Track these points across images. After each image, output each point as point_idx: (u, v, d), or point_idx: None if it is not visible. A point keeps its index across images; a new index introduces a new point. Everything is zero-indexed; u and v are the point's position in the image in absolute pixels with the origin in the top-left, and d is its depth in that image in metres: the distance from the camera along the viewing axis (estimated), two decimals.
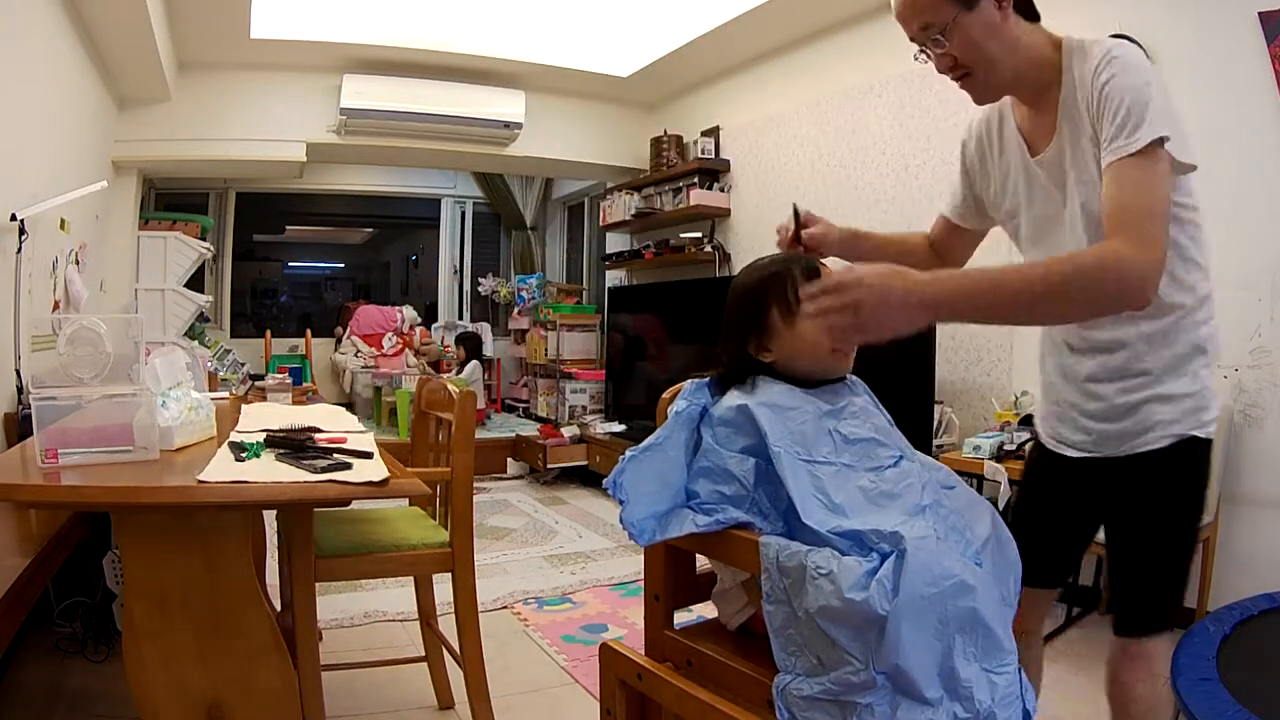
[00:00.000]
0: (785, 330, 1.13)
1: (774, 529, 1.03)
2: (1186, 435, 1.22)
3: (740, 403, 1.09)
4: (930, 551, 0.92)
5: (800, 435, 1.06)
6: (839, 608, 0.89)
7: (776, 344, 1.14)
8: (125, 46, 3.65)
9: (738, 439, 1.08)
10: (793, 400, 1.10)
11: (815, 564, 0.92)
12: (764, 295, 1.14)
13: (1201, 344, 1.23)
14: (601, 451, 4.96)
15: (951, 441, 3.24)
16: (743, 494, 1.05)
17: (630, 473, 1.07)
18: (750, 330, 1.15)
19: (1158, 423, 1.22)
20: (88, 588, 2.40)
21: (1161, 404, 1.22)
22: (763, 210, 4.64)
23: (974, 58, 1.20)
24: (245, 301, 7.65)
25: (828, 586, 0.90)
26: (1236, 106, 2.54)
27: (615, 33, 4.67)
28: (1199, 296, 1.22)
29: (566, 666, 2.44)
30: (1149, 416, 1.23)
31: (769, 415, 1.06)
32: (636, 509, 1.07)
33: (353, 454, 1.60)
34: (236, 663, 1.44)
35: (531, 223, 7.67)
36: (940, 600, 0.90)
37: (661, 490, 1.09)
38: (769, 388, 1.12)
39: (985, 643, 0.93)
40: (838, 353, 1.13)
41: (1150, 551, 1.26)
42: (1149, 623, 1.28)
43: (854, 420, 1.11)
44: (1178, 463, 1.23)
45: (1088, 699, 2.22)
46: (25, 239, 2.57)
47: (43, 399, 1.41)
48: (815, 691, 0.91)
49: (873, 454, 1.08)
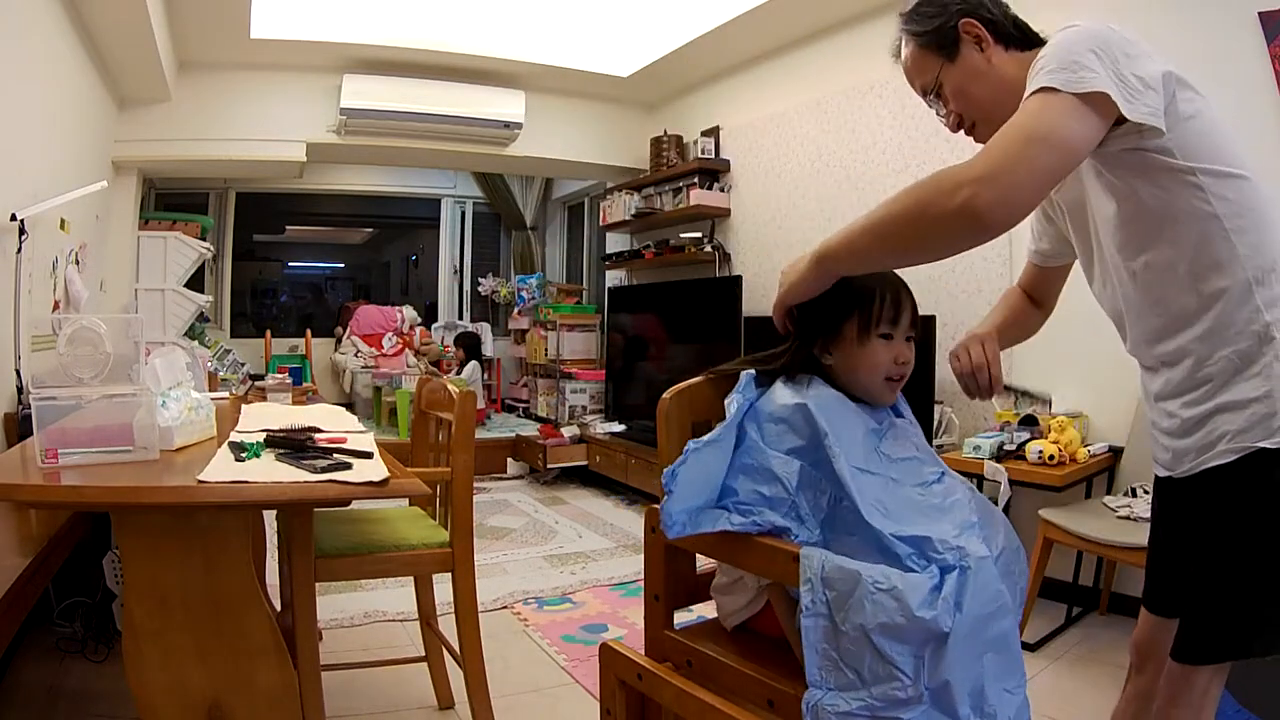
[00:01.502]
0: (853, 344, 1.13)
1: (810, 537, 1.02)
2: (1253, 448, 1.04)
3: (798, 401, 1.08)
4: (990, 571, 0.93)
5: (851, 442, 1.06)
6: (904, 624, 0.87)
7: (840, 353, 1.14)
8: (125, 46, 3.65)
9: (788, 438, 1.07)
10: (845, 408, 1.10)
11: (874, 579, 0.90)
12: (848, 302, 1.13)
13: (1267, 332, 1.04)
14: (601, 451, 4.96)
15: (951, 441, 3.24)
16: (783, 496, 1.03)
17: (690, 464, 1.06)
18: (822, 329, 1.15)
19: (1223, 435, 1.07)
20: (88, 588, 2.40)
21: (1227, 413, 1.07)
22: (763, 210, 4.63)
23: (967, 107, 1.20)
24: (245, 301, 7.64)
25: (890, 603, 0.88)
26: (1236, 106, 2.54)
27: (615, 33, 4.67)
28: (1247, 275, 1.05)
29: (566, 666, 2.44)
30: (1215, 428, 1.08)
31: (827, 417, 1.06)
32: (676, 502, 1.05)
33: (353, 454, 1.60)
34: (236, 663, 1.44)
35: (531, 223, 7.67)
36: (990, 620, 0.91)
37: (702, 484, 1.08)
38: (822, 390, 1.12)
39: (1010, 663, 0.94)
40: (890, 383, 1.14)
41: (1216, 576, 1.09)
42: (1200, 651, 1.10)
43: (897, 441, 1.12)
44: (1245, 481, 1.05)
45: (1087, 699, 2.22)
46: (25, 239, 2.57)
47: (43, 399, 1.41)
48: (854, 708, 0.89)
49: (918, 471, 1.09)
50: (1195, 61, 2.69)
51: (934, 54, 1.20)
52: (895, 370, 1.13)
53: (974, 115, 1.20)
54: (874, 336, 1.12)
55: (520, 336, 7.10)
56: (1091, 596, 2.91)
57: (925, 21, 1.21)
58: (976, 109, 1.19)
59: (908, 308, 1.14)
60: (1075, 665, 2.47)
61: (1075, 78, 0.97)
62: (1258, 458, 1.04)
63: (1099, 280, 1.24)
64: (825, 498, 1.03)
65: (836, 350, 1.15)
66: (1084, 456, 2.70)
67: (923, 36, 1.21)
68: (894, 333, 1.13)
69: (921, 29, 1.21)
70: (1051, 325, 1.49)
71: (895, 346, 1.13)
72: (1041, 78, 0.99)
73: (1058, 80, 0.98)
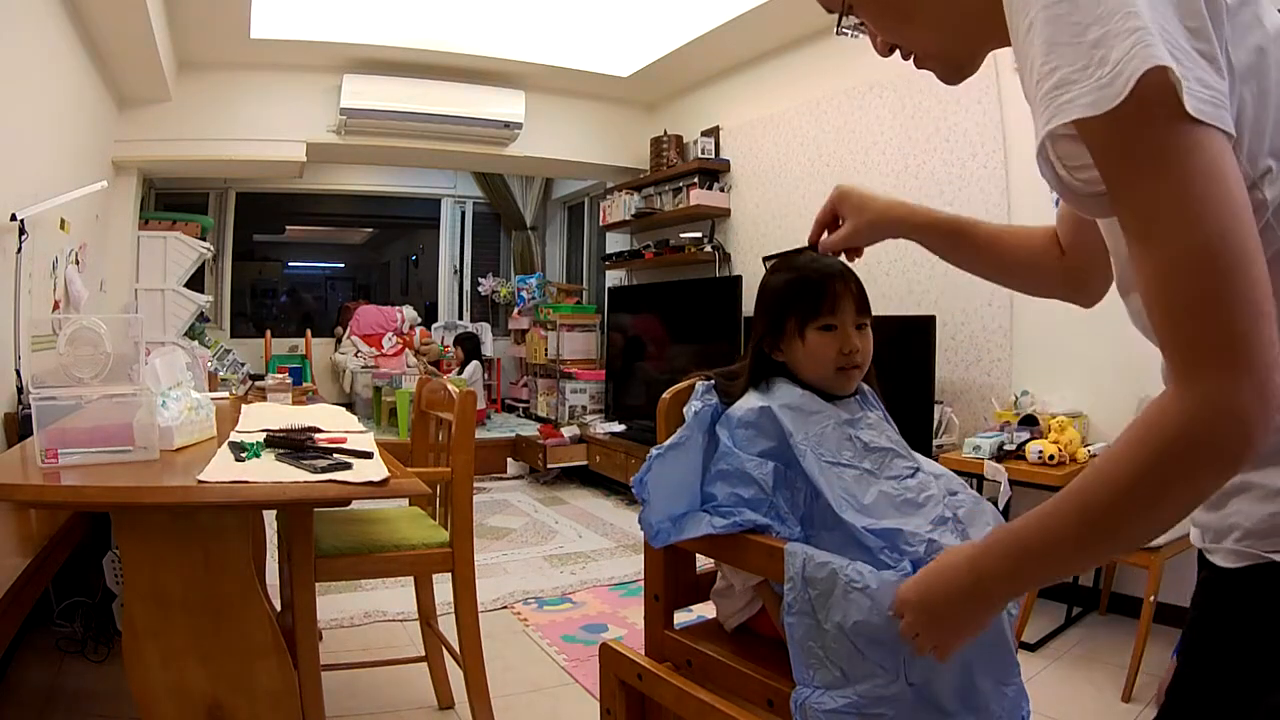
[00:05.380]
0: (797, 340, 1.14)
1: (791, 534, 1.03)
2: (1263, 559, 0.69)
3: (762, 404, 1.09)
4: None
5: (822, 438, 1.06)
6: (879, 624, 0.88)
7: (789, 350, 1.15)
8: (125, 46, 3.65)
9: (758, 441, 1.08)
10: (813, 405, 1.11)
11: (850, 578, 0.90)
12: (786, 300, 1.14)
13: None
14: (601, 451, 4.96)
15: (951, 441, 3.24)
16: (761, 497, 1.05)
17: (655, 471, 1.07)
18: (767, 331, 1.16)
19: (1233, 526, 0.72)
20: (88, 588, 2.40)
21: (1245, 497, 0.71)
22: (763, 210, 4.63)
23: (890, 29, 0.80)
24: (245, 301, 7.65)
25: (865, 602, 0.89)
26: None
27: (615, 33, 4.68)
28: None
29: (566, 666, 2.44)
30: (1230, 512, 0.73)
31: (791, 416, 1.07)
32: (655, 510, 1.07)
33: (353, 454, 1.60)
34: (236, 663, 1.44)
35: (531, 223, 7.67)
36: None
37: (679, 492, 1.09)
38: (788, 391, 1.12)
39: (1002, 658, 0.95)
40: (842, 372, 1.14)
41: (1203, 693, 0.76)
42: None
43: (872, 430, 1.12)
44: (1246, 596, 0.71)
45: (1087, 699, 2.22)
46: (25, 239, 2.57)
47: (43, 399, 1.41)
48: (840, 705, 0.90)
49: (892, 463, 1.09)
50: None
51: None
52: (844, 360, 1.13)
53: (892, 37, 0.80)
54: (815, 330, 1.12)
55: (520, 336, 7.10)
56: (1091, 596, 2.91)
57: None
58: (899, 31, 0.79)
59: (847, 295, 1.13)
60: (1075, 665, 2.47)
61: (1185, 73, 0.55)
62: (1267, 573, 0.69)
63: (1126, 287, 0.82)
64: (801, 495, 1.04)
65: (786, 348, 1.15)
66: (1084, 456, 2.70)
67: None
68: (836, 322, 1.13)
69: None
70: (1051, 326, 1.48)
71: (840, 336, 1.13)
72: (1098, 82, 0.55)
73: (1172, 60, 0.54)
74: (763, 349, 1.17)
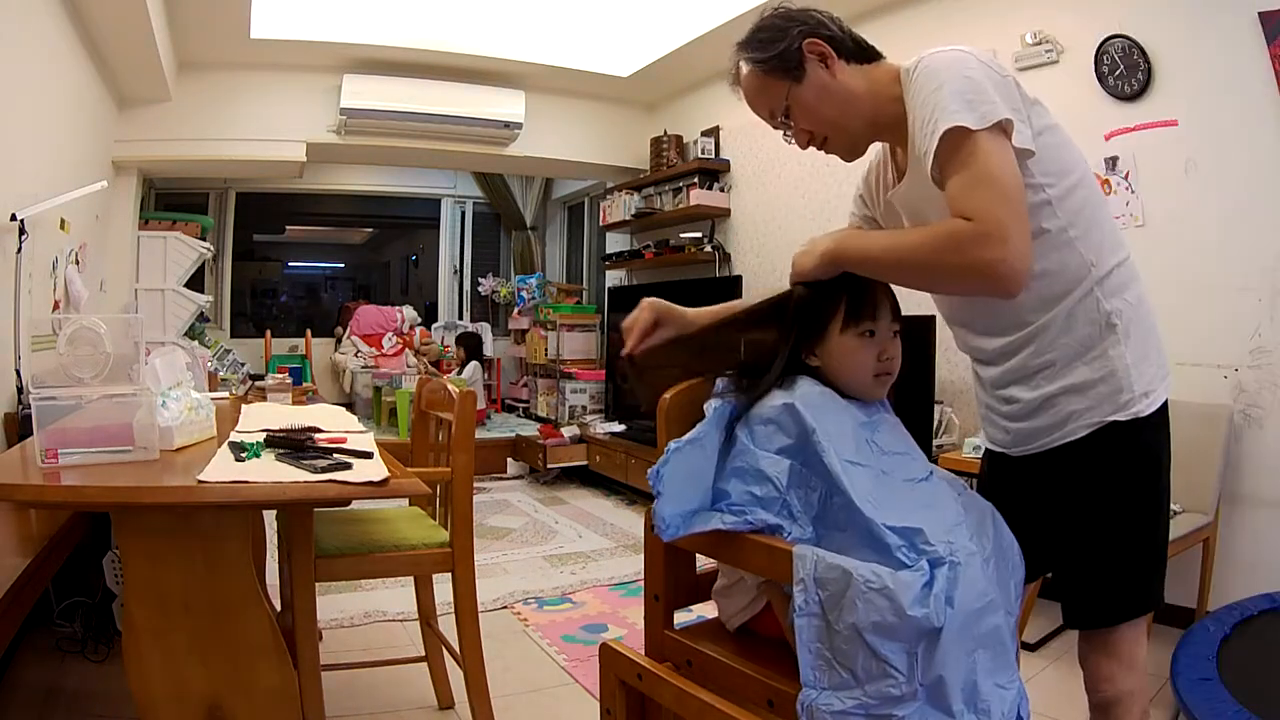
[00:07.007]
0: (838, 344, 1.14)
1: (802, 534, 1.02)
2: (1105, 422, 1.16)
3: (786, 400, 1.09)
4: (977, 567, 0.94)
5: (841, 436, 1.06)
6: (896, 624, 0.88)
7: (826, 354, 1.15)
8: (125, 46, 3.65)
9: (777, 438, 1.08)
10: (833, 403, 1.11)
11: (865, 578, 0.90)
12: (830, 305, 1.15)
13: (1108, 321, 1.16)
14: (601, 451, 4.96)
15: (951, 441, 3.24)
16: (774, 495, 1.04)
17: (673, 464, 1.06)
18: (806, 334, 1.16)
19: (1071, 414, 1.18)
20: (88, 588, 2.40)
21: (1072, 395, 1.18)
22: (762, 210, 4.63)
23: (818, 124, 1.23)
24: (245, 301, 7.65)
25: (882, 602, 0.88)
26: (1236, 106, 2.54)
27: (615, 33, 4.67)
28: (1092, 276, 1.16)
29: (566, 666, 2.44)
30: (1063, 409, 1.18)
31: (814, 413, 1.07)
32: (668, 504, 1.06)
33: (353, 454, 1.60)
34: (236, 663, 1.44)
35: (531, 223, 7.67)
36: (980, 615, 0.92)
37: (693, 488, 1.09)
38: (808, 388, 1.12)
39: (1002, 658, 0.95)
40: (879, 378, 1.15)
41: (1096, 541, 1.20)
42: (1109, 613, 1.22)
43: (888, 434, 1.13)
44: (1102, 450, 1.17)
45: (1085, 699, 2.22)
46: (25, 239, 2.57)
47: (43, 399, 1.41)
48: (849, 706, 0.89)
49: (906, 466, 1.09)
50: (1196, 62, 2.71)
51: (780, 78, 1.21)
52: (881, 366, 1.15)
53: (825, 131, 1.24)
54: (857, 335, 1.13)
55: (520, 336, 7.10)
56: None
57: (768, 48, 1.21)
58: (828, 124, 1.23)
59: (886, 304, 1.16)
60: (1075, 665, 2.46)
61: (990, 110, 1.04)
62: (1111, 430, 1.16)
63: None
64: (816, 494, 1.04)
65: (823, 352, 1.15)
66: None
67: (767, 63, 1.21)
68: (876, 329, 1.14)
69: (765, 55, 1.21)
70: None
71: (879, 343, 1.15)
72: (955, 112, 1.03)
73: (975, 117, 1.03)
74: (798, 353, 1.16)
